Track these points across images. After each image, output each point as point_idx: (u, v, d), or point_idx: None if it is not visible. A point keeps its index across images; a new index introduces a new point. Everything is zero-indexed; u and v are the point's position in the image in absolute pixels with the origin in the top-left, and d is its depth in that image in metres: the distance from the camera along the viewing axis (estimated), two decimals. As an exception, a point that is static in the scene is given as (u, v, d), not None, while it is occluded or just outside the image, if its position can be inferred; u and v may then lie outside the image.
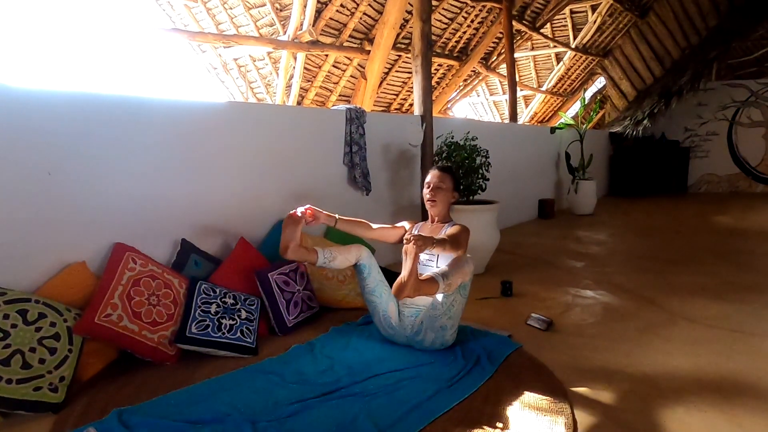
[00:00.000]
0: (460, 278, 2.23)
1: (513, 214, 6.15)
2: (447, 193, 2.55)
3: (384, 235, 2.62)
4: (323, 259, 2.39)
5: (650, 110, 8.81)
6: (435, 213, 2.57)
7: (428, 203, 2.56)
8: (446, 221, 2.57)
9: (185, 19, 6.28)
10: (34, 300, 1.99)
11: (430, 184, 2.55)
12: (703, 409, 1.83)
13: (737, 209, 7.29)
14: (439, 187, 2.54)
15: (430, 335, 2.30)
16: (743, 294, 3.20)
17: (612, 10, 9.38)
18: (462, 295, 2.30)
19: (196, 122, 2.79)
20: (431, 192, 2.54)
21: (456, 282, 2.21)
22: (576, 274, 3.86)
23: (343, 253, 2.44)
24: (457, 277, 2.21)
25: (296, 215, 2.38)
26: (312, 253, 2.38)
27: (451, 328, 2.32)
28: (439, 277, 2.15)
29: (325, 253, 2.40)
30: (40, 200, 2.16)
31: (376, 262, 2.51)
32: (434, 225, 2.58)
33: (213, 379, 2.08)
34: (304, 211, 2.40)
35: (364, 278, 2.46)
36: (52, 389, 1.87)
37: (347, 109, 3.73)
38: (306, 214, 2.40)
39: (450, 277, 2.17)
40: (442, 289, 2.14)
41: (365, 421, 1.73)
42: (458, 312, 2.31)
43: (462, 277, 2.23)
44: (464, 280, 2.27)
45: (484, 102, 12.04)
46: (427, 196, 2.55)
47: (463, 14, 7.66)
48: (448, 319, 2.27)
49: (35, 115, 2.15)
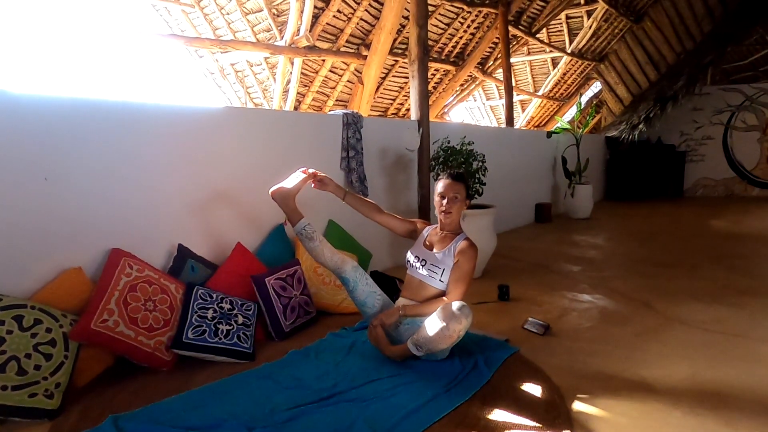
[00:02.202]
0: (444, 344, 2.10)
1: (510, 218, 6.16)
2: (461, 204, 2.44)
3: (391, 224, 2.58)
4: (303, 227, 2.38)
5: (646, 114, 8.85)
6: (448, 223, 2.44)
7: (443, 214, 2.42)
8: (457, 232, 2.45)
9: (182, 25, 6.30)
10: (30, 306, 1.98)
11: (445, 195, 2.42)
12: (699, 413, 1.84)
13: (733, 213, 7.32)
14: (455, 197, 2.41)
15: (427, 352, 2.19)
16: (739, 298, 3.21)
17: (607, 15, 9.43)
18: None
19: (193, 127, 2.79)
20: (448, 204, 2.40)
21: (436, 348, 2.12)
22: (573, 278, 3.86)
23: (326, 244, 2.42)
24: (438, 344, 2.09)
25: (306, 170, 2.40)
26: (297, 213, 2.39)
27: (449, 349, 2.25)
28: (413, 347, 2.16)
29: (309, 226, 2.39)
30: (36, 205, 2.16)
31: (364, 273, 2.46)
32: (443, 234, 2.47)
33: (209, 385, 2.07)
34: (314, 171, 2.41)
35: (351, 291, 2.45)
36: (48, 395, 1.86)
37: (344, 113, 3.73)
38: (315, 174, 2.41)
39: (426, 346, 2.12)
40: (417, 355, 2.17)
41: (362, 426, 1.73)
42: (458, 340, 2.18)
43: (445, 342, 2.08)
44: (448, 345, 2.13)
45: (481, 107, 12.08)
46: (443, 208, 2.41)
47: (460, 19, 7.69)
48: (447, 346, 2.18)
49: (32, 120, 2.15)
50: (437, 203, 2.47)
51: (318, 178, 2.44)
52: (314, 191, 2.54)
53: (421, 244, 2.51)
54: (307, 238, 2.40)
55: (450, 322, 2.06)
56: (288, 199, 2.39)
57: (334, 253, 2.43)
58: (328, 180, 2.44)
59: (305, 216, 2.44)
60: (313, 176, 2.44)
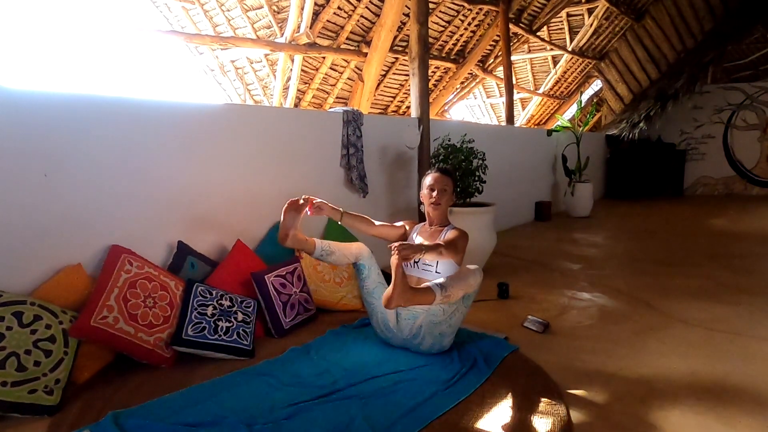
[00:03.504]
0: (463, 290, 2.14)
1: (510, 216, 6.16)
2: (449, 197, 2.54)
3: (384, 233, 2.62)
4: (320, 250, 2.40)
5: (646, 113, 8.84)
6: (437, 216, 2.53)
7: (432, 206, 2.52)
8: (445, 224, 2.55)
9: (182, 21, 6.28)
10: (30, 302, 1.98)
11: (434, 187, 2.51)
12: (698, 411, 1.84)
13: (733, 212, 7.32)
14: (444, 189, 2.51)
15: (428, 340, 2.28)
16: (738, 296, 3.21)
17: (608, 13, 9.42)
18: (465, 305, 2.26)
19: (193, 124, 2.79)
20: (438, 195, 2.49)
21: (457, 294, 2.11)
22: (572, 276, 3.86)
23: (341, 249, 2.44)
24: (459, 289, 2.11)
25: (298, 202, 2.35)
26: (309, 244, 2.39)
27: (450, 335, 2.31)
28: (437, 288, 2.05)
29: (323, 244, 2.41)
30: (36, 202, 2.16)
31: (376, 263, 2.51)
32: (433, 228, 2.55)
33: (209, 382, 2.07)
34: (307, 197, 2.37)
35: (363, 279, 2.46)
36: (48, 392, 1.86)
37: (344, 111, 3.73)
38: (309, 202, 2.37)
39: (450, 288, 2.07)
40: (439, 300, 2.04)
41: (362, 423, 1.73)
42: (459, 320, 2.29)
43: (465, 288, 2.15)
44: (468, 292, 2.20)
45: (481, 104, 12.08)
46: (433, 200, 2.51)
47: (460, 17, 7.68)
48: (448, 327, 2.25)
49: (31, 116, 2.14)
50: (426, 196, 2.56)
51: (316, 205, 2.40)
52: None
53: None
54: (327, 255, 2.43)
55: (472, 275, 2.19)
56: (295, 238, 2.36)
57: (350, 249, 2.47)
58: (323, 204, 2.42)
59: (313, 237, 2.45)
60: (309, 204, 2.38)
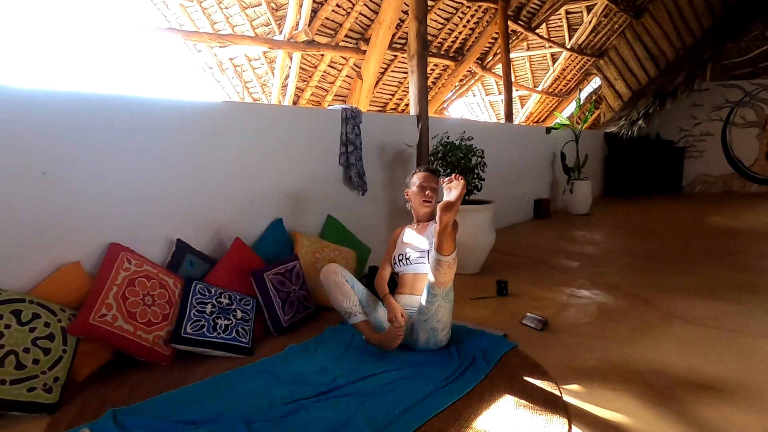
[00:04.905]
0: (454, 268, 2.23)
1: (509, 214, 6.16)
2: (437, 195, 2.64)
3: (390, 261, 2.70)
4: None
5: (645, 110, 8.85)
6: (426, 213, 2.64)
7: (425, 204, 2.64)
8: (430, 219, 2.64)
9: (181, 19, 6.26)
10: (28, 300, 1.98)
11: (426, 187, 2.63)
12: (696, 408, 1.85)
13: (731, 209, 7.33)
14: (434, 188, 2.65)
15: (423, 335, 2.32)
16: (737, 293, 3.22)
17: (607, 10, 9.41)
18: (446, 300, 2.29)
19: (191, 122, 2.79)
20: (430, 194, 2.62)
21: (453, 267, 2.21)
22: (571, 273, 3.87)
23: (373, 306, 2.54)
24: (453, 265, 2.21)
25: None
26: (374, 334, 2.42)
27: (443, 330, 2.33)
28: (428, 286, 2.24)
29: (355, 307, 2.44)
30: (35, 200, 2.15)
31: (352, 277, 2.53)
32: (420, 225, 2.67)
33: (208, 380, 2.08)
34: (403, 315, 2.36)
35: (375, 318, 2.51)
36: (47, 390, 1.86)
37: (343, 109, 3.72)
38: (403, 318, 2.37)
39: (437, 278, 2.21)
40: (454, 257, 2.18)
41: (361, 420, 1.73)
42: (446, 316, 2.31)
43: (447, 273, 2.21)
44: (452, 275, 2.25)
45: (480, 102, 12.06)
46: (425, 198, 2.63)
47: (459, 14, 7.67)
48: (437, 322, 2.29)
49: (29, 114, 2.14)
50: (417, 194, 2.64)
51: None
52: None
53: (401, 245, 2.66)
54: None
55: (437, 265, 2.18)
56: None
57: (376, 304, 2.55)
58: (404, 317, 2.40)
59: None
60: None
